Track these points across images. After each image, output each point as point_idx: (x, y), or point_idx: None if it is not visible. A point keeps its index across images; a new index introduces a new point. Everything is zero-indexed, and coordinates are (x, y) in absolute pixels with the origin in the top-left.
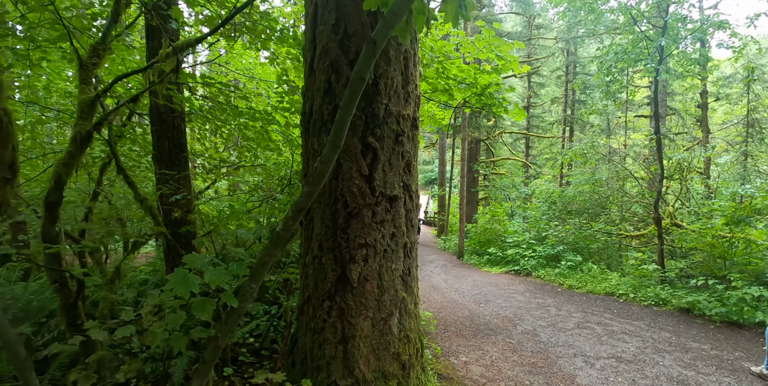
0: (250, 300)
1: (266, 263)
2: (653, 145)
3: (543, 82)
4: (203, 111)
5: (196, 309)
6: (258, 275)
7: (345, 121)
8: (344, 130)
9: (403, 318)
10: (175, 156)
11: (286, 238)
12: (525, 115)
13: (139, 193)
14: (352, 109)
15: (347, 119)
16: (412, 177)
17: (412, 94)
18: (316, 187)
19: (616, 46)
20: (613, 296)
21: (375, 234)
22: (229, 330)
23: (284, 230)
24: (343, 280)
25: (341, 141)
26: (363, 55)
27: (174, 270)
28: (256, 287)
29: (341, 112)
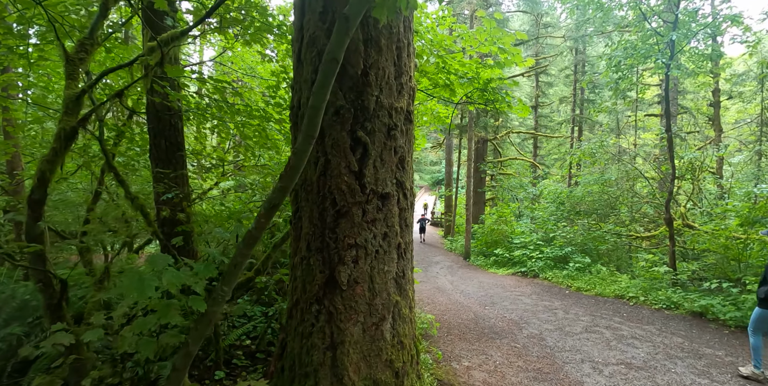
0: (222, 304)
1: (239, 264)
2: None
3: (551, 81)
4: (201, 109)
5: (160, 313)
6: (230, 277)
7: (319, 108)
8: (318, 117)
9: (396, 323)
10: (172, 154)
11: (258, 237)
12: (530, 110)
13: (129, 192)
14: (325, 95)
15: (321, 105)
16: (406, 174)
17: (406, 86)
18: (289, 181)
19: (625, 42)
20: (623, 299)
21: (365, 234)
22: (201, 336)
23: (256, 228)
24: (332, 283)
25: (316, 130)
26: (335, 32)
27: None
28: (228, 290)
29: (314, 97)
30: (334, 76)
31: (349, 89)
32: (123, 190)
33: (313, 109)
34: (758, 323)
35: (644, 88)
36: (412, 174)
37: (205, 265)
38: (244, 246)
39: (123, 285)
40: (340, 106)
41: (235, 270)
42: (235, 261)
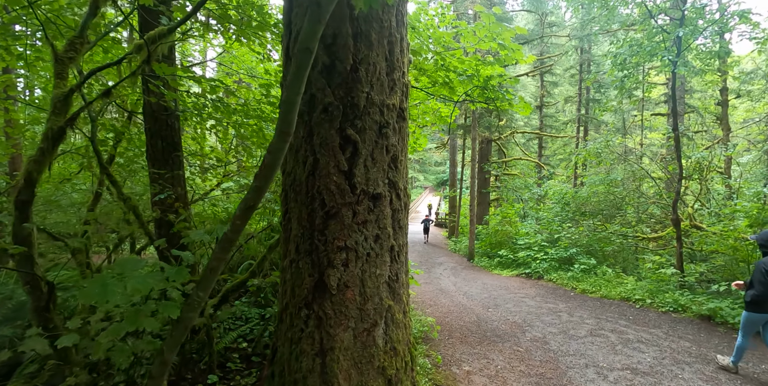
0: (198, 309)
1: (215, 269)
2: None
3: (556, 80)
4: (198, 109)
5: (128, 319)
6: (207, 282)
7: (293, 102)
8: (293, 113)
9: (389, 328)
10: (169, 155)
11: (234, 240)
12: (531, 108)
13: (122, 192)
14: (299, 88)
15: (295, 99)
16: (399, 173)
17: (399, 82)
18: (264, 181)
19: (630, 40)
20: (629, 301)
21: (356, 236)
22: (176, 343)
23: (232, 231)
24: (321, 287)
25: (291, 127)
26: (307, 21)
27: None
28: (204, 296)
29: (287, 91)
30: (308, 68)
31: (338, 85)
32: (116, 190)
33: (286, 104)
34: (747, 326)
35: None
36: (406, 174)
37: (177, 270)
38: (219, 250)
39: (84, 291)
40: (328, 103)
41: (210, 275)
42: (211, 265)
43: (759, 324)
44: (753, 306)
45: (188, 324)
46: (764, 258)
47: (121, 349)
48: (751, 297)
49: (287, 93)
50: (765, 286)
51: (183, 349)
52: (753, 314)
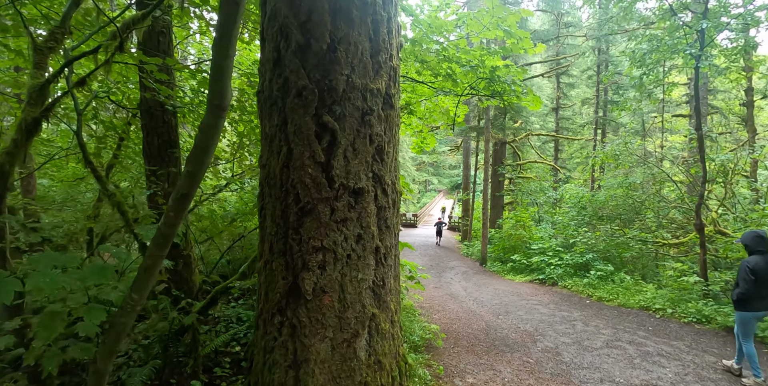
0: (133, 314)
1: (149, 268)
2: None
3: (573, 82)
4: (194, 104)
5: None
6: (142, 283)
7: (221, 68)
8: (224, 80)
9: (373, 339)
10: (164, 152)
11: (170, 235)
12: (541, 101)
13: (107, 188)
14: (226, 48)
15: (223, 64)
16: (386, 166)
17: (385, 66)
18: (198, 165)
19: (650, 35)
20: (649, 311)
21: (334, 235)
22: (109, 351)
23: (165, 225)
24: (296, 291)
25: (223, 98)
26: None
27: None
28: (140, 298)
29: (214, 52)
30: (235, 22)
31: (313, 67)
32: (100, 186)
33: (214, 70)
34: (743, 327)
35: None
36: (395, 168)
37: (95, 269)
38: (155, 247)
39: None
40: (302, 87)
41: (145, 274)
42: (146, 264)
43: (753, 323)
44: (741, 305)
45: (122, 331)
46: (748, 257)
47: (54, 355)
48: (737, 295)
49: (215, 53)
50: (749, 284)
51: (167, 353)
52: (744, 313)
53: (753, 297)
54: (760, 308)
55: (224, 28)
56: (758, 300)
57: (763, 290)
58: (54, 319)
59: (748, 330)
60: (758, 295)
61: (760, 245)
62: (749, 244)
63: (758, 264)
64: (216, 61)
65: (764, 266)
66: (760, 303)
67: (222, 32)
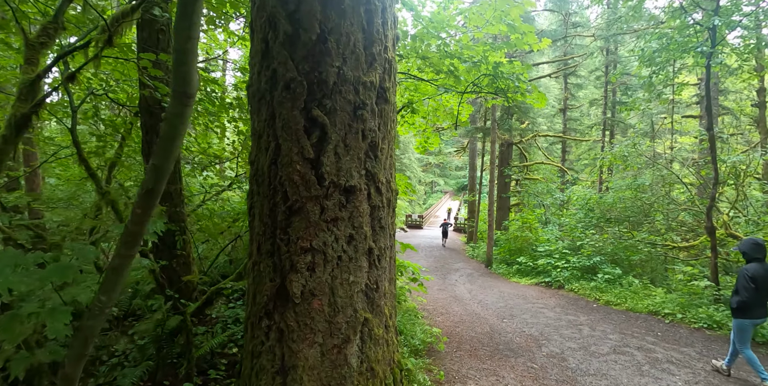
0: (101, 316)
1: (117, 268)
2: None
3: (581, 83)
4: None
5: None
6: (110, 284)
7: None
8: (187, 65)
9: (365, 345)
10: None
11: (138, 233)
12: (546, 99)
13: (101, 186)
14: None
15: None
16: (380, 164)
17: (379, 58)
18: (163, 159)
19: (659, 33)
20: (657, 316)
21: (324, 235)
22: (77, 355)
23: (133, 222)
24: (284, 294)
25: (188, 85)
26: None
27: None
28: (108, 300)
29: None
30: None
31: (302, 58)
32: (94, 183)
33: (176, 53)
34: (740, 334)
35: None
36: (390, 165)
37: (57, 268)
38: (122, 246)
39: None
40: (290, 79)
41: (113, 275)
42: (113, 264)
43: (750, 330)
44: (739, 312)
45: (90, 334)
46: (747, 265)
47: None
48: (737, 303)
49: (175, 38)
50: (749, 292)
51: (160, 353)
52: (743, 321)
53: (752, 305)
54: (759, 316)
55: (185, 7)
56: (757, 307)
57: (763, 297)
58: (12, 321)
59: (745, 337)
60: (758, 303)
61: (758, 252)
62: (747, 252)
63: (757, 271)
64: (178, 44)
65: (763, 273)
66: (758, 311)
67: (182, 12)
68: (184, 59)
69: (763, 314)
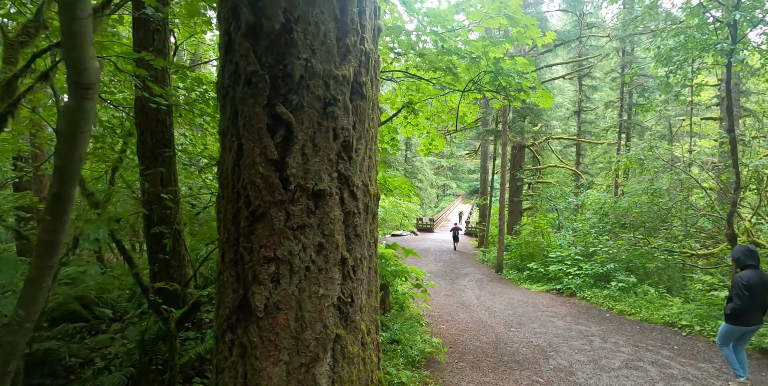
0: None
1: (35, 280)
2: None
3: (596, 85)
4: (189, 104)
5: None
6: (29, 298)
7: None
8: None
9: (338, 365)
10: (158, 151)
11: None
12: (551, 97)
13: (85, 188)
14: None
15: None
16: (355, 166)
17: (354, 49)
18: (67, 159)
19: (677, 29)
20: (674, 327)
21: (290, 244)
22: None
23: (45, 231)
24: (247, 306)
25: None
26: None
27: None
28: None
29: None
30: None
31: (265, 50)
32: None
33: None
34: (725, 337)
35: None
36: (370, 167)
37: None
38: (37, 257)
39: None
40: (252, 73)
41: (31, 288)
42: (30, 276)
43: (737, 336)
44: (733, 319)
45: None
46: (741, 273)
47: None
48: (730, 310)
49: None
50: (743, 300)
51: (142, 360)
52: (732, 327)
53: (746, 312)
54: (752, 323)
55: None
56: (751, 315)
57: (756, 304)
58: None
59: (729, 340)
60: (751, 310)
61: (751, 259)
62: (740, 259)
63: (751, 278)
64: (64, 26)
65: (757, 280)
66: (751, 318)
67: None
68: (73, 44)
69: (756, 321)
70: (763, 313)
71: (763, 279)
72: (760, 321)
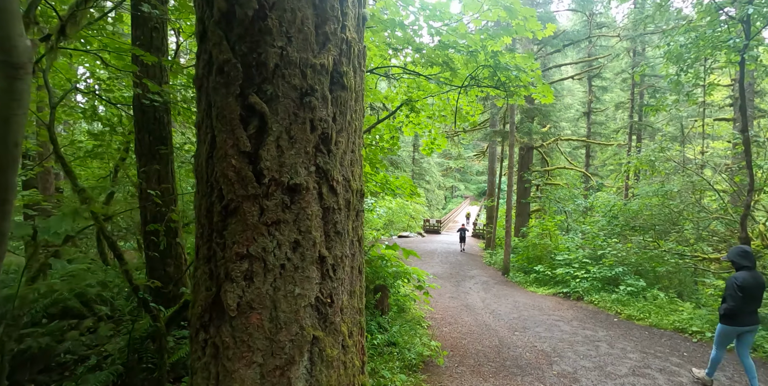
0: None
1: None
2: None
3: (606, 85)
4: (187, 102)
5: None
6: None
7: None
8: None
9: (315, 368)
10: (155, 149)
11: None
12: (552, 91)
13: (76, 183)
14: None
15: None
16: (335, 159)
17: (334, 37)
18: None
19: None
20: (684, 333)
21: (264, 240)
22: None
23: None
24: (220, 305)
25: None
26: None
27: None
28: None
29: None
30: None
31: (239, 38)
32: (70, 181)
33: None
34: (721, 338)
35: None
36: (354, 162)
37: None
38: None
39: None
40: (224, 61)
41: None
42: None
43: (732, 337)
44: (727, 319)
45: None
46: (736, 273)
47: None
48: (724, 310)
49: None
50: (736, 300)
51: (131, 358)
52: (727, 327)
53: (740, 312)
54: (746, 323)
55: None
56: (745, 315)
57: (751, 305)
58: None
59: (725, 341)
60: (745, 311)
61: (746, 260)
62: (735, 260)
63: (746, 280)
64: None
65: (752, 282)
66: (746, 319)
67: None
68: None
69: (751, 321)
70: (756, 313)
71: (757, 281)
72: (755, 322)
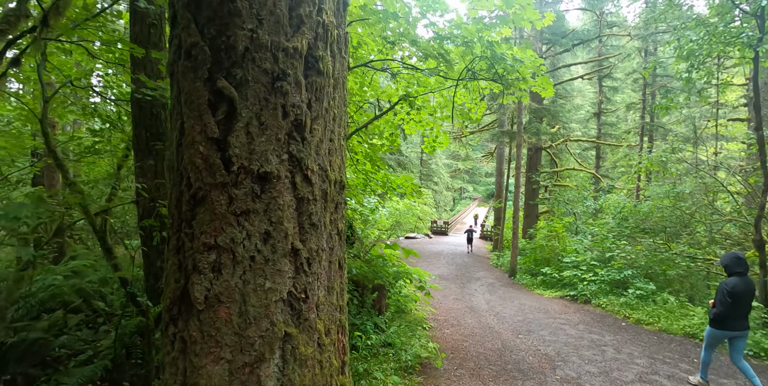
0: None
1: None
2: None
3: (617, 86)
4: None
5: None
6: None
7: None
8: None
9: (288, 367)
10: (151, 144)
11: None
12: (551, 83)
13: (68, 177)
14: None
15: None
16: (309, 147)
17: (309, 20)
18: None
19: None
20: (695, 339)
21: (232, 231)
22: None
23: None
24: (188, 298)
25: None
26: None
27: None
28: None
29: None
30: None
31: (207, 21)
32: (61, 174)
33: None
34: (710, 340)
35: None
36: (333, 151)
37: None
38: None
39: None
40: (192, 45)
41: None
42: None
43: (721, 340)
44: (716, 323)
45: None
46: (727, 279)
47: None
48: (713, 315)
49: None
50: (725, 306)
51: (117, 354)
52: (715, 331)
53: (729, 318)
54: (735, 328)
55: None
56: (734, 320)
57: (740, 311)
58: None
59: (713, 343)
60: (734, 316)
61: (739, 266)
62: (728, 265)
63: (737, 286)
64: None
65: (743, 288)
66: (735, 324)
67: None
68: None
69: (741, 327)
70: (746, 319)
71: (748, 287)
72: (744, 327)
